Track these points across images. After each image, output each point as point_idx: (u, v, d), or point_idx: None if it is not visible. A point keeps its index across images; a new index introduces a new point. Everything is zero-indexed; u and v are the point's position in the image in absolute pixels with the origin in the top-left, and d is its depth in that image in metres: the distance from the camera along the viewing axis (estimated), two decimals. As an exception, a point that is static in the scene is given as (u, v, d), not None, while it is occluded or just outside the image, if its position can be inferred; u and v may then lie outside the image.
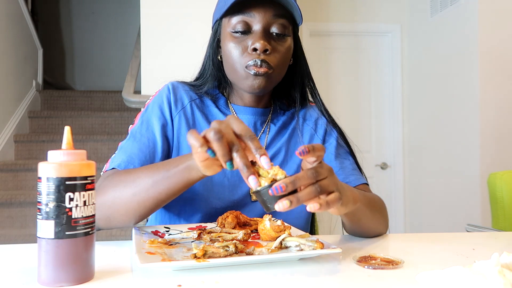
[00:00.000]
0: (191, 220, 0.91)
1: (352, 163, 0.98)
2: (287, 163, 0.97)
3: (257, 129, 0.98)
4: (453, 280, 0.49)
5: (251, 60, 0.85)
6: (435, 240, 0.84)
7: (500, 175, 1.63)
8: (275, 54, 0.87)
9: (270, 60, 0.86)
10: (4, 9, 3.45)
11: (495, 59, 2.66)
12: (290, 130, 1.00)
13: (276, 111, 1.01)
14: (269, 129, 0.98)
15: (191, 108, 0.95)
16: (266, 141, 0.97)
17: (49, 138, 3.53)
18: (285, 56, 0.90)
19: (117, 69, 5.04)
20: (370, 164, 3.49)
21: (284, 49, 0.89)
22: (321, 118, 1.03)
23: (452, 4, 2.90)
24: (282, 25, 0.88)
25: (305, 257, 0.65)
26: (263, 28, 0.86)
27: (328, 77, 3.48)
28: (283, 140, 0.98)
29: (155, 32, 2.43)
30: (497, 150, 2.63)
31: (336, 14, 3.47)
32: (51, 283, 0.53)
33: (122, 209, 0.74)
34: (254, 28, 0.87)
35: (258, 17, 0.86)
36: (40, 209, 0.53)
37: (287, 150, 0.98)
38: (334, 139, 1.01)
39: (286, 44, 0.90)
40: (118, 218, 0.76)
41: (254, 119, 0.97)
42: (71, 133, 0.57)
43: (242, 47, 0.87)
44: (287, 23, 0.89)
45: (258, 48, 0.84)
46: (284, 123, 1.00)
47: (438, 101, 3.09)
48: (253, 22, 0.87)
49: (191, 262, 0.59)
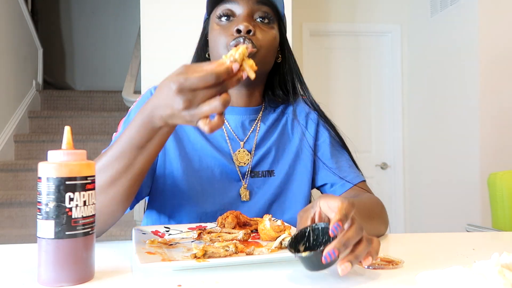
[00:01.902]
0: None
1: (347, 160, 0.98)
2: (278, 162, 0.96)
3: (246, 129, 0.96)
4: (453, 280, 0.49)
5: (234, 40, 0.85)
6: (435, 240, 0.84)
7: (500, 175, 1.63)
8: (259, 36, 0.87)
9: (255, 40, 0.85)
10: (4, 9, 3.44)
11: (495, 59, 2.66)
12: (280, 127, 0.99)
13: (267, 109, 1.00)
14: (258, 128, 0.97)
15: None
16: (255, 140, 0.95)
17: (49, 138, 3.53)
18: (271, 42, 0.89)
19: (117, 69, 5.04)
20: (370, 164, 3.49)
21: (269, 35, 0.89)
22: (311, 113, 1.01)
23: (452, 4, 2.90)
24: (265, 12, 0.89)
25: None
26: (247, 13, 0.88)
27: (328, 77, 3.48)
28: (273, 138, 0.97)
29: (155, 32, 2.43)
30: (497, 150, 2.63)
31: (336, 14, 3.47)
32: (51, 283, 0.53)
33: (111, 197, 0.71)
34: (238, 13, 0.88)
35: (241, 4, 0.88)
36: (40, 209, 0.53)
37: (278, 148, 0.97)
38: (327, 136, 0.99)
39: (271, 32, 0.90)
40: (112, 208, 0.73)
41: (241, 119, 0.95)
42: (71, 133, 0.57)
43: (226, 32, 0.87)
44: (270, 12, 0.90)
45: (242, 29, 0.85)
46: (274, 120, 0.99)
47: (438, 101, 3.09)
48: (237, 9, 0.89)
49: (191, 262, 0.59)
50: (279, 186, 0.94)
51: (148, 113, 0.65)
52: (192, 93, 0.58)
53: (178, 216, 0.89)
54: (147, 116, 0.65)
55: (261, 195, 0.92)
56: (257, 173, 0.94)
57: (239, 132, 0.95)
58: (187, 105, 0.58)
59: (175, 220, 0.90)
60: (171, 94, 0.59)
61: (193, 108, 0.59)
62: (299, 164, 0.97)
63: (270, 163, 0.95)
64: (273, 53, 0.92)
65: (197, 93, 0.58)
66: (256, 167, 0.94)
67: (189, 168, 0.90)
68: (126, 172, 0.69)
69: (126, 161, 0.69)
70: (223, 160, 0.91)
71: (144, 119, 0.65)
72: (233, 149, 0.93)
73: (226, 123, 0.95)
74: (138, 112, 0.67)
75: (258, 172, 0.94)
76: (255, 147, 0.95)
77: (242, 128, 0.96)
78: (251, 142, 0.95)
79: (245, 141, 0.95)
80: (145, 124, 0.65)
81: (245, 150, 0.94)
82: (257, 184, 0.93)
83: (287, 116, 1.00)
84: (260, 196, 0.92)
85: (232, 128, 0.95)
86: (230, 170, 0.92)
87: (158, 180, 0.90)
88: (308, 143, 0.98)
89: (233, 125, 0.95)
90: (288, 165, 0.96)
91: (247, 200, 0.91)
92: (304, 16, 3.33)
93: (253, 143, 0.95)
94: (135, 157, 0.68)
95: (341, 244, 0.53)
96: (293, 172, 0.96)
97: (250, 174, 0.93)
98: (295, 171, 0.96)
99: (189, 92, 0.58)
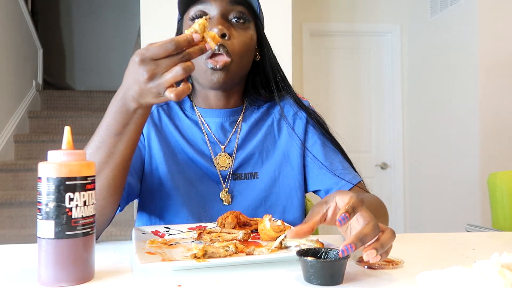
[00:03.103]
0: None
1: (341, 161, 0.94)
2: (262, 164, 0.93)
3: (227, 131, 0.94)
4: (453, 280, 0.49)
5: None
6: (435, 240, 0.84)
7: (500, 175, 1.63)
8: (234, 41, 0.84)
9: (229, 46, 0.83)
10: (4, 9, 3.44)
11: (495, 59, 2.66)
12: (266, 128, 0.95)
13: (248, 109, 0.96)
14: (240, 129, 0.94)
15: (158, 113, 0.94)
16: (237, 142, 0.93)
17: (49, 138, 3.52)
18: (247, 45, 0.87)
19: (117, 69, 5.02)
20: (370, 164, 3.49)
21: (245, 37, 0.86)
22: (300, 112, 0.97)
23: (452, 4, 2.90)
24: (240, 12, 0.86)
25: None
26: (221, 14, 0.84)
27: (328, 77, 3.48)
28: (256, 139, 0.94)
29: (155, 32, 2.43)
30: (497, 150, 2.63)
31: (336, 14, 3.47)
32: (51, 283, 0.53)
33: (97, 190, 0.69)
34: (212, 15, 0.85)
35: (214, 5, 0.85)
36: (40, 209, 0.53)
37: (262, 150, 0.94)
38: (318, 137, 0.95)
39: (248, 33, 0.87)
40: (102, 203, 0.72)
41: (221, 121, 0.93)
42: (71, 133, 0.57)
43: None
44: (245, 11, 0.87)
45: (216, 33, 0.83)
46: (257, 120, 0.96)
47: (438, 101, 3.09)
48: (210, 10, 0.85)
49: (191, 262, 0.59)
50: (264, 190, 0.91)
51: (121, 97, 0.65)
52: (154, 62, 0.59)
53: (167, 217, 0.89)
54: (120, 100, 0.65)
55: (243, 199, 0.90)
56: (240, 176, 0.92)
57: (220, 134, 0.93)
58: (150, 75, 0.59)
59: (165, 221, 0.89)
60: (135, 67, 0.60)
61: (157, 78, 0.60)
62: (286, 167, 0.93)
63: (253, 165, 0.93)
64: (251, 54, 0.90)
65: (159, 62, 0.59)
66: (238, 170, 0.92)
67: (174, 169, 0.90)
68: (108, 162, 0.69)
69: (106, 150, 0.68)
70: (204, 163, 0.90)
71: (117, 104, 0.66)
72: (214, 152, 0.92)
73: (206, 126, 0.94)
74: (112, 99, 0.67)
75: (241, 174, 0.92)
76: (236, 149, 0.93)
77: (222, 131, 0.94)
78: (232, 145, 0.93)
79: (226, 144, 0.93)
80: (120, 109, 0.66)
81: (226, 154, 0.92)
82: (239, 187, 0.91)
83: (273, 116, 0.97)
84: (242, 199, 0.90)
85: (212, 131, 0.93)
86: (211, 173, 0.91)
87: (146, 180, 0.90)
88: (296, 145, 0.95)
89: (213, 128, 0.93)
90: (274, 168, 0.93)
91: (229, 204, 0.90)
92: (304, 16, 3.33)
93: (234, 145, 0.93)
94: (114, 145, 0.68)
95: (358, 239, 0.54)
96: (279, 175, 0.93)
97: (232, 177, 0.91)
98: (282, 174, 0.93)
99: (150, 61, 0.59)
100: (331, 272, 0.55)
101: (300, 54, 3.31)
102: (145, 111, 0.67)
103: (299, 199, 0.94)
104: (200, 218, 0.89)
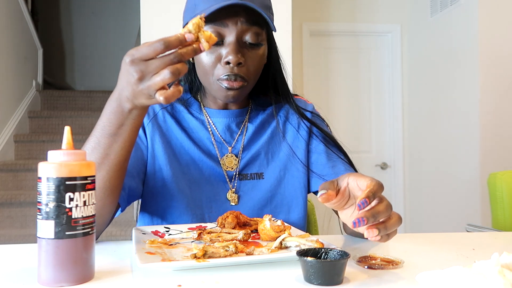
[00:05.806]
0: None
1: (344, 164, 0.95)
2: (267, 165, 0.94)
3: (233, 131, 0.95)
4: (453, 280, 0.49)
5: (224, 74, 0.83)
6: (435, 240, 0.84)
7: (500, 175, 1.63)
8: (248, 65, 0.85)
9: (244, 72, 0.84)
10: (4, 9, 3.44)
11: (495, 59, 2.66)
12: (271, 129, 0.97)
13: (254, 110, 0.98)
14: (246, 130, 0.95)
15: (163, 115, 0.94)
16: (243, 142, 0.94)
17: (49, 138, 3.53)
18: (259, 64, 0.88)
19: (117, 69, 4.99)
20: (370, 164, 3.49)
21: (258, 57, 0.87)
22: (305, 114, 0.99)
23: (452, 4, 2.90)
24: (255, 34, 0.84)
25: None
26: (236, 38, 0.83)
27: (328, 77, 3.48)
28: (262, 140, 0.95)
29: (155, 32, 2.43)
30: (497, 150, 2.63)
31: (336, 14, 3.47)
32: (51, 283, 0.53)
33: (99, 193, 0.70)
34: (227, 39, 0.83)
35: (231, 27, 0.83)
36: (40, 209, 0.53)
37: (268, 151, 0.95)
38: (321, 139, 0.97)
39: (260, 52, 0.87)
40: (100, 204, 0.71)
41: (228, 121, 0.94)
42: (71, 133, 0.57)
43: (214, 57, 0.84)
44: (260, 31, 0.85)
45: (232, 61, 0.82)
46: (263, 121, 0.97)
47: (438, 101, 3.09)
48: (226, 32, 0.83)
49: (191, 262, 0.59)
50: (269, 190, 0.92)
51: (116, 98, 0.65)
52: (144, 63, 0.59)
53: (170, 218, 0.89)
54: (115, 101, 0.65)
55: (250, 199, 0.91)
56: (246, 176, 0.92)
57: (226, 135, 0.94)
58: (140, 76, 0.59)
59: (168, 222, 0.89)
60: (126, 68, 0.60)
61: (147, 79, 0.59)
62: (291, 168, 0.95)
63: (259, 165, 0.94)
64: (261, 68, 0.90)
65: (148, 63, 0.59)
66: (244, 170, 0.93)
67: (178, 171, 0.90)
68: (104, 163, 0.69)
69: (101, 151, 0.68)
70: (210, 164, 0.91)
71: (113, 105, 0.66)
72: (221, 153, 0.93)
73: (213, 126, 0.94)
74: (108, 101, 0.67)
75: (247, 174, 0.93)
76: (242, 149, 0.94)
77: (229, 131, 0.94)
78: (238, 145, 0.94)
79: (233, 145, 0.94)
80: (115, 110, 0.66)
81: (233, 155, 0.93)
82: (245, 187, 0.92)
83: (278, 118, 0.98)
84: (249, 200, 0.91)
85: (219, 132, 0.94)
86: (218, 173, 0.91)
87: (148, 182, 0.90)
88: (301, 146, 0.96)
89: (220, 129, 0.94)
90: (279, 169, 0.94)
91: (235, 204, 0.90)
92: (304, 16, 3.33)
93: (240, 146, 0.94)
94: (109, 145, 0.68)
95: (371, 215, 0.55)
96: (284, 176, 0.94)
97: (238, 177, 0.92)
98: (287, 175, 0.94)
99: (140, 62, 0.59)
100: (331, 272, 0.55)
101: (300, 54, 3.31)
102: (140, 112, 0.67)
103: (303, 199, 0.95)
104: (205, 219, 0.89)
